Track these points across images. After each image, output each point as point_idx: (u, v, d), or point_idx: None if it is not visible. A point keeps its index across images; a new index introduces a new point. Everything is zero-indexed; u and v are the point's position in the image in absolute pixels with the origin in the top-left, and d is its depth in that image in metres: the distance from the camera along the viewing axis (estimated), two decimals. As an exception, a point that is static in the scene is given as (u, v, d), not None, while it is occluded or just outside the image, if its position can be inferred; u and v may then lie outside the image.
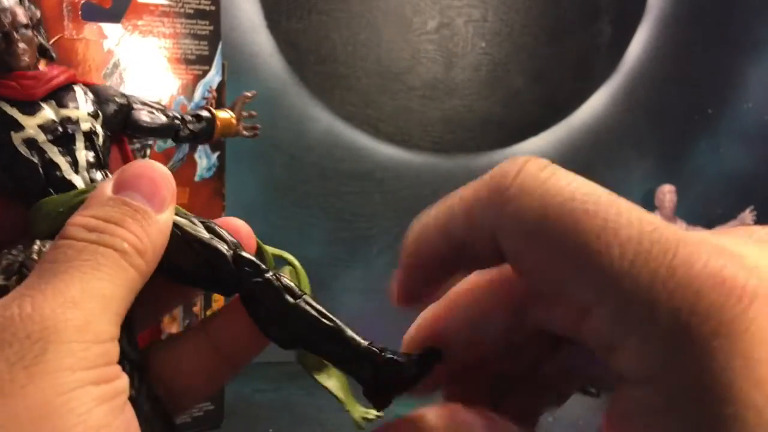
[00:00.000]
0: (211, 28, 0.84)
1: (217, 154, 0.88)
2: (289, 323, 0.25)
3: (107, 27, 0.75)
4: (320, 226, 1.22)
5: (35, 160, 0.26)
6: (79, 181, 0.26)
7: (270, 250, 0.28)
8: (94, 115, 0.28)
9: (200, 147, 0.85)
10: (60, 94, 0.27)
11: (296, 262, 0.29)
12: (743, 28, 1.29)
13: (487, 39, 1.23)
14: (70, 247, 0.22)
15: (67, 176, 0.26)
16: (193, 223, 0.26)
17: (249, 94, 0.37)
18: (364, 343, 0.25)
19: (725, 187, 1.32)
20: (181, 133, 0.31)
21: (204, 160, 0.85)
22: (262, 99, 1.16)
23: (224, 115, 0.34)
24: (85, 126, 0.27)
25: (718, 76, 1.30)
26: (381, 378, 0.24)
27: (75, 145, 0.27)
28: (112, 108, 0.29)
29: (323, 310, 0.26)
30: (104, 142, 0.28)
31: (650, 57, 1.28)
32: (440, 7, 1.20)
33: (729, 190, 1.32)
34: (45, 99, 0.27)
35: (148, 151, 0.76)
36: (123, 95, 0.30)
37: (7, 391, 0.19)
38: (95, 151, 0.27)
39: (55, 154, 0.26)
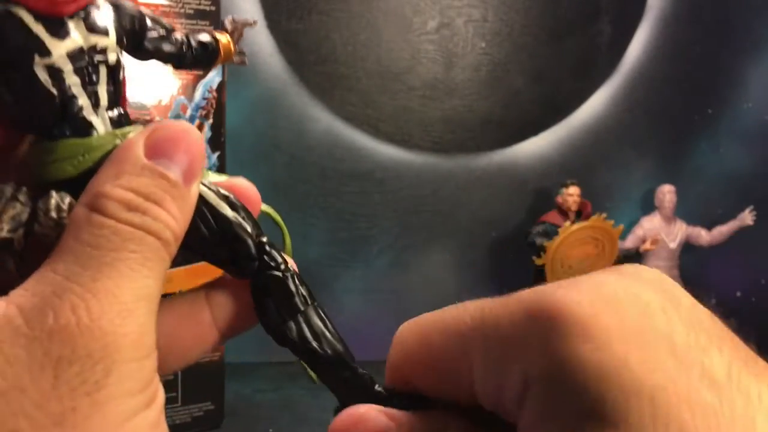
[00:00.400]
0: (211, 28, 0.84)
1: (217, 154, 0.88)
2: (289, 326, 0.25)
3: (107, 27, 0.75)
4: (320, 226, 1.22)
5: (54, 91, 0.22)
6: (98, 123, 0.23)
7: (263, 207, 0.27)
8: (121, 43, 0.24)
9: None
10: (87, 11, 0.23)
11: (281, 222, 0.29)
12: (743, 28, 1.29)
13: (487, 39, 1.23)
14: (115, 231, 0.20)
15: (87, 115, 0.23)
16: (218, 197, 0.24)
17: (251, 20, 0.32)
18: (354, 372, 0.25)
19: (725, 187, 1.32)
20: (184, 61, 0.28)
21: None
22: (262, 99, 1.16)
23: (224, 40, 0.30)
24: (112, 57, 0.23)
25: (718, 76, 1.30)
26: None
27: (98, 78, 0.23)
28: (130, 28, 0.25)
29: (327, 325, 0.25)
30: (124, 73, 0.24)
31: (650, 57, 1.29)
32: (440, 7, 1.20)
33: (729, 190, 1.32)
34: (71, 16, 0.22)
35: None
36: (140, 13, 0.25)
37: (69, 422, 0.18)
38: (115, 86, 0.24)
39: (77, 87, 0.22)
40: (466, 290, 1.24)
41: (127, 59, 0.25)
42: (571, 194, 1.21)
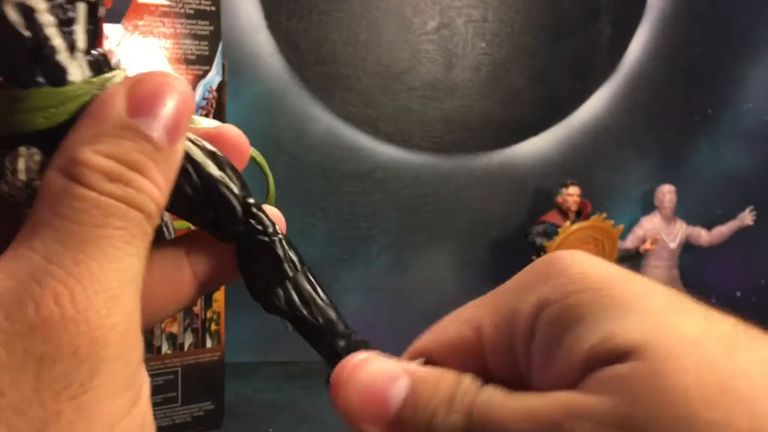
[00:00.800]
0: (212, 28, 0.84)
1: (217, 154, 0.88)
2: (277, 293, 0.24)
3: (108, 27, 0.76)
4: (320, 226, 1.22)
5: (26, 33, 0.20)
6: (75, 69, 0.21)
7: (252, 152, 0.26)
8: None
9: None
10: None
11: (267, 169, 0.27)
12: (743, 28, 1.29)
13: (487, 39, 1.23)
14: (96, 205, 0.18)
15: (61, 60, 0.20)
16: (204, 154, 0.23)
17: None
18: (343, 343, 0.24)
19: (725, 187, 1.33)
20: None
21: (204, 160, 0.85)
22: (262, 99, 1.16)
23: None
24: None
25: (718, 76, 1.30)
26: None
27: (75, 17, 0.21)
28: None
29: (318, 291, 0.24)
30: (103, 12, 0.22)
31: (650, 57, 1.29)
32: (440, 7, 1.20)
33: (729, 190, 1.32)
34: None
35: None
36: None
37: (52, 429, 0.17)
38: (95, 27, 0.21)
39: (51, 28, 0.20)
40: (466, 290, 1.24)
41: (128, 61, 0.24)
42: (571, 194, 1.21)
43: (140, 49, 0.79)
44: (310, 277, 0.24)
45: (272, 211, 0.25)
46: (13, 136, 0.20)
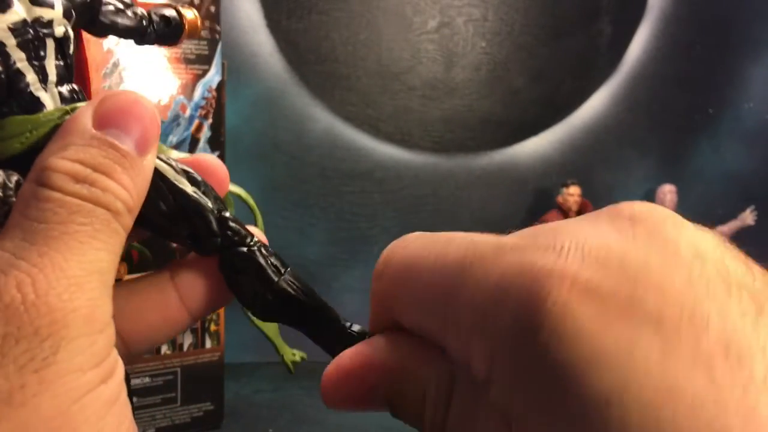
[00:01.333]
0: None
1: (216, 154, 0.88)
2: (267, 299, 0.24)
3: (107, 26, 0.75)
4: (320, 226, 1.22)
5: None
6: (47, 99, 0.22)
7: (232, 187, 0.27)
8: (68, 16, 0.23)
9: (200, 147, 0.85)
10: None
11: (252, 203, 0.28)
12: (743, 28, 1.29)
13: (487, 38, 1.23)
14: (61, 204, 0.19)
15: (34, 91, 0.22)
16: (176, 171, 0.23)
17: None
18: (341, 324, 0.25)
19: (726, 186, 1.32)
20: (147, 36, 0.27)
21: (204, 159, 0.85)
22: (262, 99, 1.16)
23: (190, 16, 0.29)
24: (59, 30, 0.22)
25: (718, 75, 1.30)
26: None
27: (45, 52, 0.22)
28: (81, 2, 0.24)
29: (304, 289, 0.25)
30: (74, 48, 0.24)
31: (650, 57, 1.28)
32: (440, 6, 1.20)
33: (729, 190, 1.32)
34: None
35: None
36: None
37: (17, 400, 0.17)
38: (65, 61, 0.23)
39: (22, 62, 0.22)
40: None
41: (127, 60, 0.25)
42: (572, 194, 1.20)
43: (139, 49, 0.78)
44: (295, 279, 0.25)
45: (254, 231, 0.25)
46: None
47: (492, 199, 1.26)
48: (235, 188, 0.27)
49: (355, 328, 0.25)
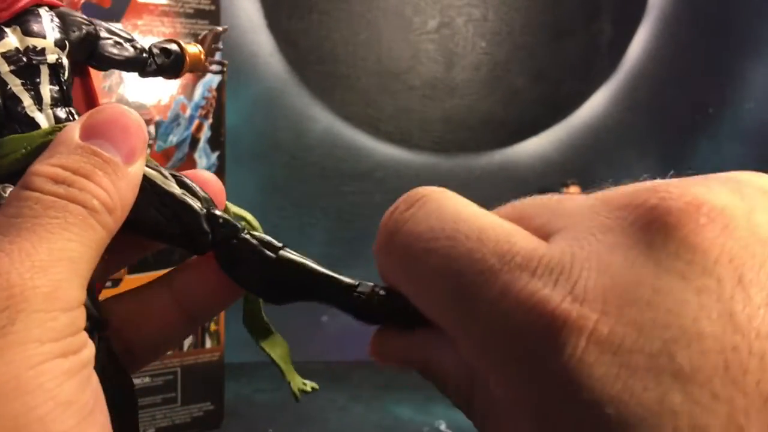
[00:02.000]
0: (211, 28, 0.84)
1: (216, 153, 0.88)
2: (274, 278, 0.25)
3: (107, 26, 0.75)
4: (320, 226, 1.22)
5: None
6: (42, 120, 0.24)
7: (232, 208, 0.27)
8: (61, 45, 0.25)
9: (200, 147, 0.85)
10: (25, 18, 0.24)
11: (257, 224, 0.28)
12: (744, 28, 1.29)
13: (487, 38, 1.23)
14: (37, 201, 0.21)
15: (29, 113, 0.24)
16: (164, 176, 0.25)
17: (220, 28, 0.33)
18: (349, 281, 0.26)
19: (726, 187, 1.32)
20: (148, 68, 0.29)
21: (203, 159, 0.85)
22: (262, 99, 1.16)
23: (193, 50, 0.31)
24: (51, 58, 0.25)
25: (718, 75, 1.30)
26: (373, 306, 0.25)
27: (39, 78, 0.24)
28: (78, 36, 0.26)
29: (303, 259, 0.26)
30: (69, 75, 0.26)
31: (650, 57, 1.28)
32: (440, 6, 1.20)
33: (729, 190, 1.32)
34: (8, 23, 0.24)
35: (148, 151, 0.75)
36: (89, 21, 0.27)
37: None
38: (60, 86, 0.25)
39: (17, 87, 0.24)
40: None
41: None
42: (572, 194, 1.20)
43: (140, 49, 0.78)
44: (292, 252, 0.25)
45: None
46: None
47: (492, 199, 1.25)
48: (235, 208, 0.27)
49: (362, 288, 0.26)
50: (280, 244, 0.25)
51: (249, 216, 0.28)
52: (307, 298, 0.25)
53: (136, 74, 0.29)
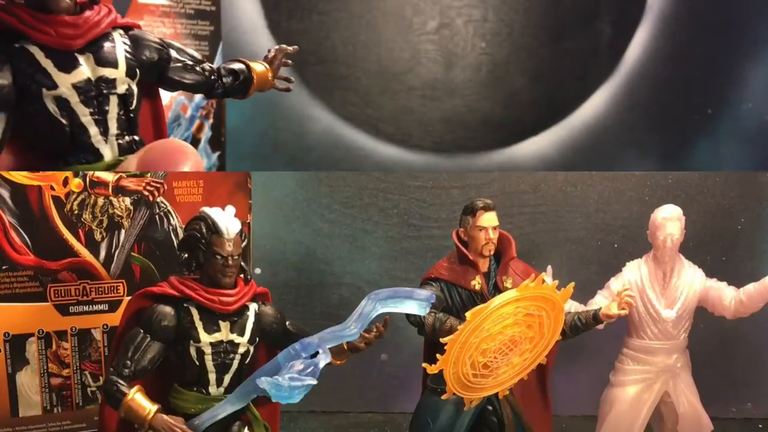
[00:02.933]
0: (212, 28, 0.84)
1: (217, 153, 0.89)
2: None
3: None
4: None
5: (64, 121, 0.26)
6: (107, 151, 0.27)
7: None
8: (132, 75, 0.27)
9: (201, 147, 0.86)
10: (99, 45, 0.26)
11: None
12: (743, 28, 1.29)
13: (487, 39, 1.23)
14: None
15: (95, 143, 0.27)
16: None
17: (290, 48, 0.34)
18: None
19: (725, 187, 1.33)
20: (216, 91, 0.31)
21: (204, 159, 0.85)
22: (262, 99, 1.16)
23: (260, 68, 0.32)
24: (122, 88, 0.26)
25: (718, 76, 1.31)
26: None
27: (108, 107, 0.26)
28: (149, 60, 0.28)
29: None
30: (137, 102, 0.28)
31: (650, 57, 1.29)
32: (440, 7, 1.21)
33: (729, 190, 1.33)
34: (82, 50, 0.26)
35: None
36: (161, 45, 0.28)
37: None
38: (127, 114, 0.27)
39: (86, 117, 0.26)
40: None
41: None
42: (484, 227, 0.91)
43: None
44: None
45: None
46: None
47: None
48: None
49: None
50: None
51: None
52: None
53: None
